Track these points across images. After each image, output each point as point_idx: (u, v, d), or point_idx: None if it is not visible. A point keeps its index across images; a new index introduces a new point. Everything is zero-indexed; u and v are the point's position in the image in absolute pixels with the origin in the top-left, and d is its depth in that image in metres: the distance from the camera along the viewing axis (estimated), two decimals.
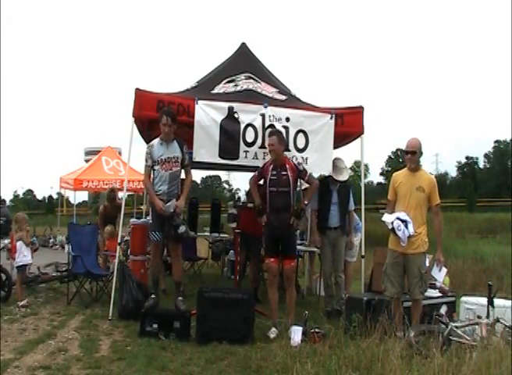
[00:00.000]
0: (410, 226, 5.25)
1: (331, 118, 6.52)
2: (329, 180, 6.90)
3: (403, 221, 5.28)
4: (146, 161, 5.93)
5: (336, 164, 6.84)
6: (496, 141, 64.68)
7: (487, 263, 11.75)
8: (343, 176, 6.93)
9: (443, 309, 5.55)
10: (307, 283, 8.91)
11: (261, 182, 6.00)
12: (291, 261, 5.84)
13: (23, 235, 7.23)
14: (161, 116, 5.82)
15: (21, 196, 56.74)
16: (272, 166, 5.74)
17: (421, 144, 5.49)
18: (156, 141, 5.94)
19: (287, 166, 5.72)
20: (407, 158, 5.49)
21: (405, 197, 5.41)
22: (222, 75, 7.07)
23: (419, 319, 5.31)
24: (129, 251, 7.82)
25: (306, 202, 5.92)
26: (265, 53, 8.27)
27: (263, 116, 6.30)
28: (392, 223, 5.29)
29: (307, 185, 6.29)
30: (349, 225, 7.14)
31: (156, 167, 5.86)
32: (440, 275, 5.49)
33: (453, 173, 66.67)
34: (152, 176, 5.95)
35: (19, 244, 7.24)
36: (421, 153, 5.49)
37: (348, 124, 6.66)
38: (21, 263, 7.19)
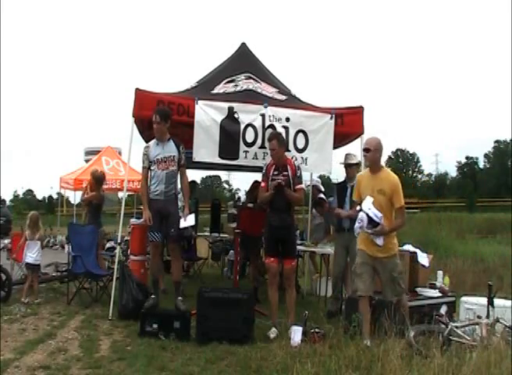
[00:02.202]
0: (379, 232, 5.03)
1: (331, 118, 6.52)
2: (347, 177, 6.95)
3: (371, 221, 4.97)
4: (143, 162, 5.95)
5: (347, 156, 6.98)
6: (496, 141, 64.80)
7: (487, 263, 11.78)
8: (351, 160, 6.93)
9: (443, 309, 5.55)
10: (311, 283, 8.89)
11: (260, 179, 6.01)
12: (291, 261, 5.84)
13: (43, 236, 7.45)
14: (152, 115, 5.84)
15: (21, 196, 56.70)
16: (274, 166, 5.76)
17: (380, 143, 5.26)
18: (152, 142, 5.97)
19: (288, 166, 5.73)
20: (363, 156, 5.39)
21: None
22: (222, 75, 7.07)
23: (407, 317, 5.14)
24: (129, 251, 7.82)
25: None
26: (265, 53, 8.28)
27: (263, 116, 6.30)
28: (361, 210, 5.04)
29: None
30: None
31: (153, 167, 5.88)
32: (380, 240, 5.11)
33: (453, 173, 66.82)
34: (150, 177, 5.97)
35: (39, 243, 7.41)
36: (380, 152, 5.23)
37: (348, 124, 6.66)
38: (38, 262, 7.35)
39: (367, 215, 4.97)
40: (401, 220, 5.20)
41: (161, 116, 5.80)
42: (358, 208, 5.15)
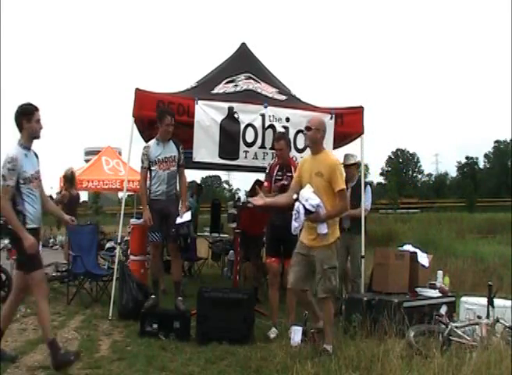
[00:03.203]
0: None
1: (331, 118, 6.52)
2: (347, 177, 6.95)
3: (308, 211, 4.63)
4: (142, 162, 5.93)
5: (346, 157, 6.96)
6: (496, 141, 64.84)
7: (487, 263, 11.76)
8: (348, 160, 6.92)
9: (443, 309, 5.55)
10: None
11: (263, 180, 6.02)
12: None
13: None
14: (163, 116, 5.80)
15: None
16: (278, 166, 5.76)
17: (322, 123, 5.03)
18: (152, 142, 5.96)
19: (292, 167, 5.72)
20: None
21: (308, 183, 4.83)
22: (222, 75, 7.07)
23: (330, 320, 4.84)
24: (129, 251, 7.83)
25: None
26: (265, 53, 8.28)
27: (263, 116, 6.31)
28: (297, 199, 4.71)
29: None
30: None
31: (153, 167, 5.87)
32: (322, 228, 4.72)
33: (453, 173, 66.85)
34: (149, 177, 5.98)
35: (41, 243, 7.43)
36: (322, 132, 4.96)
37: (348, 124, 6.66)
38: None
39: (303, 206, 4.64)
40: (341, 205, 4.80)
41: (174, 118, 5.84)
42: (295, 196, 4.77)
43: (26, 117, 4.40)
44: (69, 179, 8.68)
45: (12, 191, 4.31)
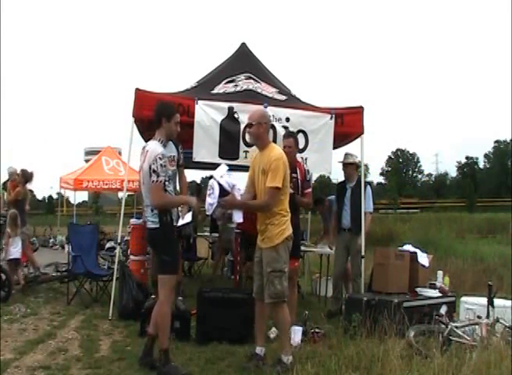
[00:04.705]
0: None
1: (331, 118, 6.52)
2: (345, 177, 7.00)
3: (223, 190, 4.28)
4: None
5: (345, 156, 7.01)
6: (496, 141, 64.86)
7: (487, 263, 11.77)
8: (346, 159, 6.95)
9: (443, 309, 5.55)
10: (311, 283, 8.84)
11: None
12: (295, 261, 5.81)
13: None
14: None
15: None
16: None
17: (263, 115, 4.71)
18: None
19: (297, 168, 5.70)
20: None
21: (256, 182, 4.57)
22: (222, 75, 7.07)
23: (285, 327, 4.57)
24: (129, 251, 7.83)
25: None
26: (265, 53, 8.28)
27: None
28: (212, 177, 4.41)
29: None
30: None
31: None
32: (237, 216, 4.52)
33: (453, 173, 66.86)
34: None
35: (17, 238, 7.71)
36: (265, 125, 4.58)
37: (348, 124, 6.66)
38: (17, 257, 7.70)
39: (218, 183, 4.30)
40: (265, 202, 4.38)
41: None
42: (209, 174, 4.54)
43: (167, 116, 4.46)
44: (28, 176, 8.72)
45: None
